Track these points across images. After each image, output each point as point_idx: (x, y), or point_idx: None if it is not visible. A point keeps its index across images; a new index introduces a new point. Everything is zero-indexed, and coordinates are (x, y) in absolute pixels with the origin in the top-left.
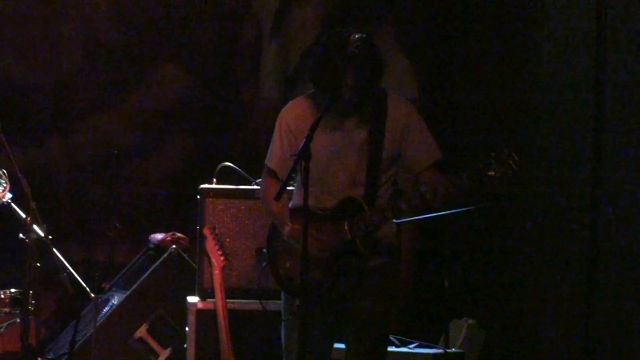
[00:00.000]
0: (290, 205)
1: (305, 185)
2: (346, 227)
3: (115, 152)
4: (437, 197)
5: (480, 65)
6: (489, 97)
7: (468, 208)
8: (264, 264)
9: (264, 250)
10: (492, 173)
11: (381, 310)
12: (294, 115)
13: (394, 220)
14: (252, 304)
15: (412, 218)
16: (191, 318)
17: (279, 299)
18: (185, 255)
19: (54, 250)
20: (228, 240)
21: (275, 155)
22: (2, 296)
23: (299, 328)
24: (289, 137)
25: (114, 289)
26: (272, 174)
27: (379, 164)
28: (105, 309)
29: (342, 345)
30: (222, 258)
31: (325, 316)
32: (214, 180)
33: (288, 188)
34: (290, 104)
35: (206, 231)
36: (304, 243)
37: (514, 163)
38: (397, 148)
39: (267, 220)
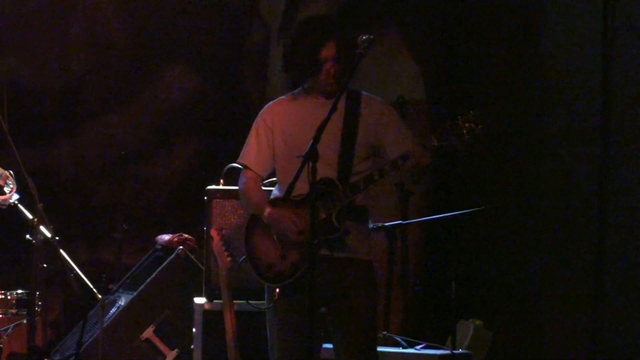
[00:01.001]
0: (271, 197)
1: (311, 185)
2: (322, 206)
3: (123, 153)
4: (409, 160)
5: (489, 67)
6: (498, 100)
7: (475, 210)
8: (242, 258)
9: (241, 260)
10: (459, 131)
11: (368, 304)
12: (273, 112)
13: (401, 222)
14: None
15: (420, 219)
16: (198, 319)
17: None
18: (192, 257)
19: (61, 251)
20: (235, 241)
21: (249, 150)
22: (9, 297)
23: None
24: (266, 133)
25: (120, 290)
26: (248, 169)
27: (352, 150)
28: (112, 310)
29: (330, 345)
30: (229, 259)
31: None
32: (222, 181)
33: (264, 188)
34: (269, 104)
35: (213, 232)
36: (312, 217)
37: (480, 121)
38: (371, 144)
39: None
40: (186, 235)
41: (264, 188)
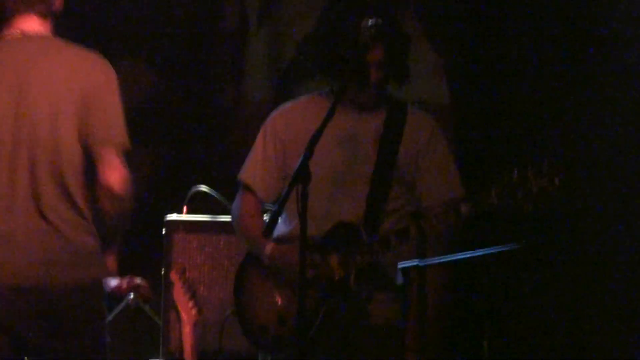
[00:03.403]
0: (274, 235)
1: (302, 215)
2: (336, 262)
3: None
4: (460, 215)
5: (525, 62)
6: (536, 102)
7: (511, 247)
8: (228, 311)
9: (228, 313)
10: (528, 189)
11: None
12: (287, 120)
13: (419, 262)
14: None
15: (440, 259)
16: None
17: None
18: (146, 307)
19: None
20: (202, 287)
21: (254, 166)
22: None
23: None
24: (276, 147)
25: None
26: (248, 191)
27: (387, 183)
28: None
29: None
30: (194, 311)
31: None
32: (185, 208)
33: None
34: (282, 107)
35: (174, 276)
36: (301, 269)
37: (556, 175)
38: (409, 174)
39: None
40: (138, 280)
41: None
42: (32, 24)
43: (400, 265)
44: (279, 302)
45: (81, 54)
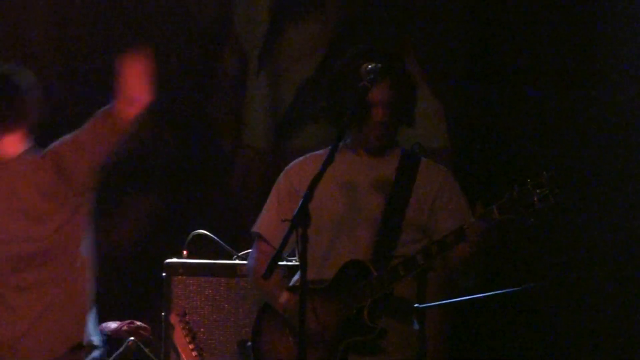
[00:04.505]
0: (290, 283)
1: (302, 258)
2: (350, 299)
3: None
4: (462, 238)
5: (530, 106)
6: (541, 149)
7: (514, 290)
8: (248, 343)
9: (249, 344)
10: (530, 201)
11: None
12: (303, 173)
13: (417, 305)
14: None
15: (443, 302)
16: None
17: None
18: (146, 350)
19: None
20: (202, 330)
21: (268, 218)
22: None
23: None
24: (291, 198)
25: None
26: (263, 241)
27: (397, 231)
28: None
29: None
30: (194, 354)
31: None
32: (185, 252)
33: (282, 263)
34: (298, 160)
35: (174, 319)
36: (301, 310)
37: (556, 185)
38: (422, 225)
39: (253, 305)
40: (138, 323)
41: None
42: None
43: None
44: (295, 350)
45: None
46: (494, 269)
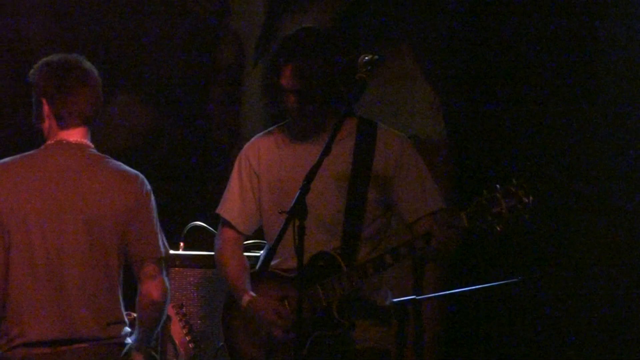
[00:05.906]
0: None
1: (299, 250)
2: (320, 292)
3: None
4: (431, 243)
5: (527, 99)
6: (538, 139)
7: (509, 281)
8: (220, 344)
9: (221, 344)
10: (498, 210)
11: None
12: (258, 151)
13: (414, 297)
14: None
15: (435, 294)
16: None
17: None
18: None
19: None
20: (199, 322)
21: (232, 200)
22: None
23: None
24: (251, 179)
25: None
26: (228, 226)
27: (361, 211)
28: None
29: None
30: (191, 345)
31: None
32: (182, 244)
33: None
34: (251, 141)
35: (171, 310)
36: (299, 298)
37: (525, 194)
38: (384, 194)
39: None
40: (135, 315)
41: (246, 254)
42: (76, 135)
43: (397, 300)
44: (265, 339)
45: (119, 170)
46: (490, 262)
